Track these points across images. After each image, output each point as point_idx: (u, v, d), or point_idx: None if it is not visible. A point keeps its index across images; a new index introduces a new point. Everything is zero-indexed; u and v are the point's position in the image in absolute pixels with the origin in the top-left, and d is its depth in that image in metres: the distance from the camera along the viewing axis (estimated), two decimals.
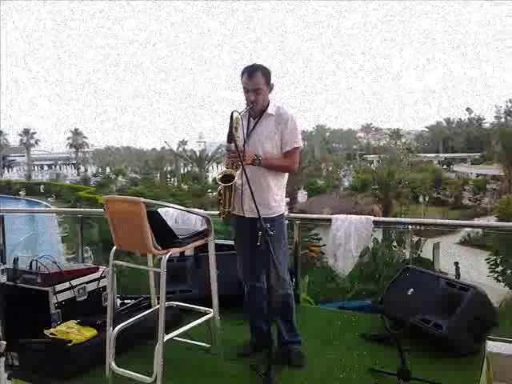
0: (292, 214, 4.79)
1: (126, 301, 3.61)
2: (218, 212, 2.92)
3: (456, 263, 4.83)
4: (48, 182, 44.07)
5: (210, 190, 30.62)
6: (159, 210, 3.32)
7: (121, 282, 3.99)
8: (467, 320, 3.04)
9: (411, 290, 3.39)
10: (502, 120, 57.68)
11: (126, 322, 2.90)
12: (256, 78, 2.89)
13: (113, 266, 2.80)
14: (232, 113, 2.75)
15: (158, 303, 2.69)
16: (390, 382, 2.74)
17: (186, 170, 47.42)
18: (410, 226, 8.10)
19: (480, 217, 26.14)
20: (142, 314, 3.06)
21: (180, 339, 2.90)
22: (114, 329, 2.77)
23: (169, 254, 2.63)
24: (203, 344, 3.04)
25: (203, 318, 2.91)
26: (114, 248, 2.77)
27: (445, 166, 47.36)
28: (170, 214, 4.40)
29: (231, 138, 2.71)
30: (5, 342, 2.40)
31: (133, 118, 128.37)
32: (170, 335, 2.69)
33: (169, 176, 46.38)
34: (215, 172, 39.37)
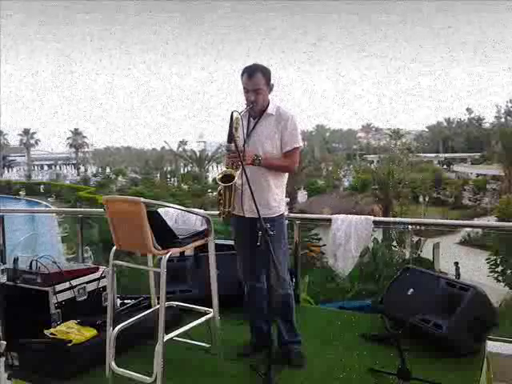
0: (292, 214, 4.78)
1: (126, 301, 3.61)
2: (218, 212, 2.92)
3: (456, 263, 4.81)
4: (48, 182, 44.05)
5: (210, 190, 30.61)
6: (159, 210, 3.32)
7: (121, 282, 3.98)
8: (467, 320, 3.04)
9: (411, 290, 3.39)
10: (502, 120, 57.59)
11: (126, 322, 2.90)
12: (256, 79, 2.89)
13: (113, 266, 2.81)
14: (232, 113, 2.75)
15: (158, 303, 2.69)
16: (389, 382, 2.74)
17: (186, 170, 47.45)
18: (410, 226, 8.09)
19: (480, 217, 26.11)
20: (142, 314, 3.06)
21: (180, 339, 2.90)
22: (113, 329, 2.77)
23: (169, 254, 2.63)
24: (203, 344, 3.05)
25: (203, 318, 2.91)
26: (114, 248, 2.77)
27: (445, 166, 47.33)
28: (170, 214, 4.40)
29: (231, 138, 2.71)
30: (5, 342, 2.40)
31: (133, 118, 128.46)
32: (170, 335, 2.69)
33: (169, 176, 46.42)
34: (215, 172, 39.36)
